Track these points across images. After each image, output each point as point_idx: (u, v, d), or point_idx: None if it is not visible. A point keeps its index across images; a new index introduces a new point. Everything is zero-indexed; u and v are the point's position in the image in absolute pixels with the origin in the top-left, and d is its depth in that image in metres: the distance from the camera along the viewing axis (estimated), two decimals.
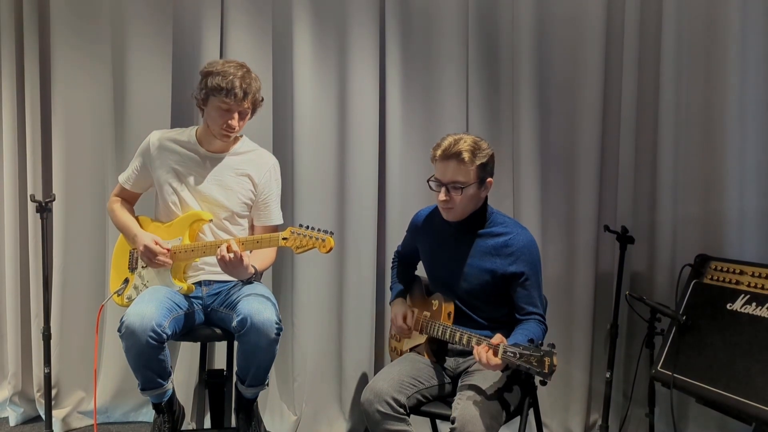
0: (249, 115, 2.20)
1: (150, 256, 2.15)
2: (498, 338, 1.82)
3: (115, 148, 2.80)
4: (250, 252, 2.16)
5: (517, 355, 1.73)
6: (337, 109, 2.76)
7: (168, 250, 2.15)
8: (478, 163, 1.94)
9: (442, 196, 1.97)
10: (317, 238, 1.97)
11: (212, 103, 2.12)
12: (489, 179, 2.01)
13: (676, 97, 2.49)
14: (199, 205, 2.22)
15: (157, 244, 2.15)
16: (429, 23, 2.70)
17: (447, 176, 1.95)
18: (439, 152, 1.96)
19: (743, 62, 2.37)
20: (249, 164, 2.26)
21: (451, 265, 2.08)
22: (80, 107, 2.81)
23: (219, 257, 2.05)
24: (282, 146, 2.79)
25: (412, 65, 2.71)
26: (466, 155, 1.92)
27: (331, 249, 1.97)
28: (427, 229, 2.18)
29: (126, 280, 2.27)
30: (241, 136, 2.31)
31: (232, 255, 2.03)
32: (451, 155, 1.93)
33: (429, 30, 2.70)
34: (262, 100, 2.23)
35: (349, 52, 2.71)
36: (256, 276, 2.23)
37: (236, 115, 2.12)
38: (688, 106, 2.49)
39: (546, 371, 1.68)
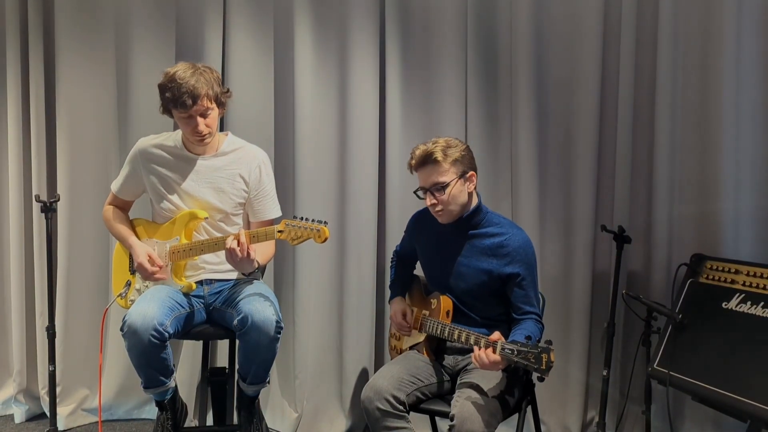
0: (217, 110, 2.15)
1: (145, 274, 2.17)
2: (496, 335, 1.84)
3: (119, 149, 2.83)
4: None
5: (515, 352, 1.75)
6: (338, 110, 2.78)
7: (161, 265, 2.17)
8: (451, 159, 1.98)
9: (428, 201, 2.02)
10: (312, 229, 1.97)
11: (174, 114, 2.11)
12: (470, 173, 2.03)
13: (672, 98, 2.50)
14: (192, 208, 2.22)
15: (150, 259, 2.17)
16: (428, 26, 2.72)
17: (427, 181, 2.00)
18: (414, 162, 2.02)
19: (739, 63, 2.38)
20: (238, 163, 2.24)
21: (448, 265, 2.10)
22: (84, 108, 2.84)
23: (228, 248, 2.05)
24: (283, 146, 2.81)
25: (411, 66, 2.73)
26: (438, 155, 1.96)
27: (326, 239, 1.97)
28: (425, 230, 2.20)
29: (128, 283, 2.29)
30: (227, 134, 2.30)
31: (239, 247, 2.03)
32: (424, 160, 1.98)
33: (428, 32, 2.72)
34: (227, 91, 2.18)
35: (350, 54, 2.73)
36: (259, 270, 2.24)
37: (199, 119, 2.09)
38: (684, 107, 2.50)
39: (543, 368, 1.71)
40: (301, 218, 2.01)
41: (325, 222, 1.98)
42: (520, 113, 2.65)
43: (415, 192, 2.06)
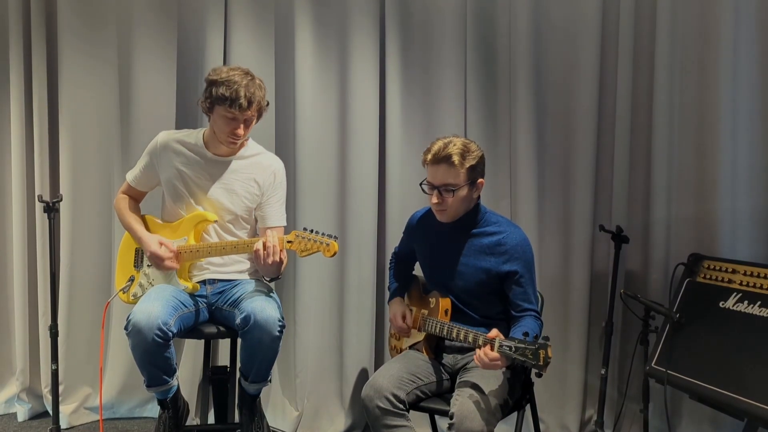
0: (255, 121, 2.20)
1: (158, 262, 2.19)
2: (494, 332, 1.86)
3: (121, 149, 2.84)
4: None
5: (513, 349, 1.77)
6: (338, 111, 2.79)
7: (173, 251, 2.18)
8: (467, 165, 1.98)
9: (434, 199, 2.02)
10: (321, 242, 2.00)
11: (217, 111, 2.12)
12: (480, 180, 2.05)
13: (669, 99, 2.52)
14: (203, 208, 2.24)
15: (162, 245, 2.18)
16: (428, 27, 2.73)
17: (438, 179, 2.00)
18: (429, 156, 2.00)
19: (735, 65, 2.40)
20: (255, 168, 2.27)
21: (447, 264, 2.12)
22: (87, 109, 2.85)
23: (261, 248, 2.05)
24: (284, 147, 2.82)
25: (411, 68, 2.75)
26: (456, 158, 1.96)
27: (335, 253, 1.99)
28: (423, 230, 2.22)
29: (131, 278, 2.31)
30: (248, 139, 2.31)
31: (265, 251, 2.04)
32: (441, 159, 1.97)
33: (428, 34, 2.73)
34: (268, 104, 2.23)
35: (350, 55, 2.75)
36: (279, 276, 2.25)
37: (242, 124, 2.13)
38: (682, 107, 2.52)
39: (541, 363, 1.72)
40: (311, 231, 2.03)
41: (335, 237, 2.00)
42: (519, 114, 2.66)
43: (420, 184, 2.06)
